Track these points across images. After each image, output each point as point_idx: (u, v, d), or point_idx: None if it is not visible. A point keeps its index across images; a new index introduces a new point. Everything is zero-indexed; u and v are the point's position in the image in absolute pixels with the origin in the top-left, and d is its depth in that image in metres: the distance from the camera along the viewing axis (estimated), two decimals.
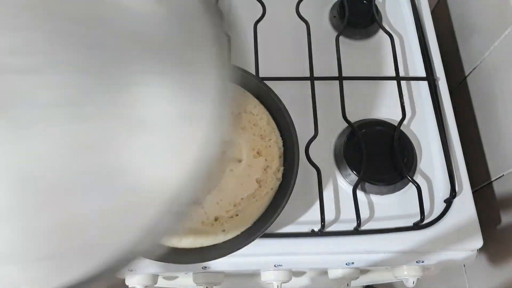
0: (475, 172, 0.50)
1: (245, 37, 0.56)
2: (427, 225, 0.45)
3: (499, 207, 0.51)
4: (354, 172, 0.46)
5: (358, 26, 0.56)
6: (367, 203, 0.46)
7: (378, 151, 0.48)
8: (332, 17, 0.57)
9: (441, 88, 0.53)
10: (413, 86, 0.53)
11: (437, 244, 0.45)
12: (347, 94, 0.50)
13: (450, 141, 0.49)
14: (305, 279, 0.57)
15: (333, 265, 0.46)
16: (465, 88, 0.59)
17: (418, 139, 0.50)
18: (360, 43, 0.56)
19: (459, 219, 0.45)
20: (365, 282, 0.56)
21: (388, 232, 0.44)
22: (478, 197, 0.48)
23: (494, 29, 0.51)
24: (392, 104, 0.51)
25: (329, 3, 0.58)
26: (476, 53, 0.56)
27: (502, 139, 0.51)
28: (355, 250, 0.45)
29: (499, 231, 0.51)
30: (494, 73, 0.52)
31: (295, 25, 0.55)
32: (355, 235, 0.44)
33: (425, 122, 0.51)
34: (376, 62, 0.55)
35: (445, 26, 0.63)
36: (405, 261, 0.46)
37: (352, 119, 0.49)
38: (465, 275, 0.58)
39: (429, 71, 0.54)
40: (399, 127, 0.48)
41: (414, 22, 0.57)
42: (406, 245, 0.44)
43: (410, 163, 0.47)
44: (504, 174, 0.50)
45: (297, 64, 0.53)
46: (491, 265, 0.52)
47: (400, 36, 0.57)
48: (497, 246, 0.51)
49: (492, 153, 0.53)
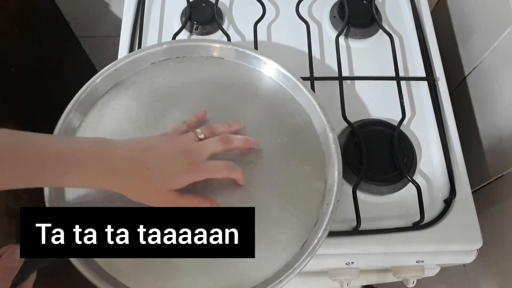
0: (475, 172, 0.50)
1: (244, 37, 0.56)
2: (427, 225, 0.45)
3: (499, 207, 0.51)
4: (354, 172, 0.46)
5: (358, 26, 0.56)
6: (367, 203, 0.46)
7: (378, 151, 0.48)
8: (332, 17, 0.57)
9: (441, 88, 0.53)
10: (413, 86, 0.53)
11: (437, 244, 0.45)
12: (347, 94, 0.50)
13: (450, 141, 0.49)
14: (305, 279, 0.57)
15: (333, 265, 0.47)
16: (465, 88, 0.59)
17: (418, 139, 0.50)
18: (360, 43, 0.56)
19: (459, 219, 0.45)
20: (365, 282, 0.56)
21: (388, 232, 0.44)
22: (478, 197, 0.48)
23: (494, 29, 0.51)
24: (392, 104, 0.51)
25: (329, 3, 0.58)
26: (476, 53, 0.56)
27: (502, 139, 0.51)
28: (355, 250, 0.45)
29: (499, 231, 0.51)
30: (494, 73, 0.52)
31: (295, 25, 0.55)
32: (355, 235, 0.44)
33: (425, 122, 0.51)
34: (376, 62, 0.55)
35: (445, 26, 0.63)
36: (405, 261, 0.46)
37: (352, 119, 0.49)
38: (465, 275, 0.58)
39: (429, 71, 0.54)
40: (399, 127, 0.48)
41: (414, 22, 0.57)
42: (406, 245, 0.44)
43: (409, 163, 0.47)
44: (504, 174, 0.50)
45: (297, 64, 0.53)
46: (491, 265, 0.52)
47: (400, 36, 0.57)
48: (497, 246, 0.51)
49: (492, 153, 0.53)
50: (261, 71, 0.47)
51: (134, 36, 0.55)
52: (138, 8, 0.58)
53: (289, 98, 0.46)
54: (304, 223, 0.39)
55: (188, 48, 0.48)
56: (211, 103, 0.45)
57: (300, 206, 0.40)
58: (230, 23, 0.57)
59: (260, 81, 0.47)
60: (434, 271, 0.50)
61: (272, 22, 0.57)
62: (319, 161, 0.42)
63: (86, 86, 0.44)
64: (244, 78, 0.47)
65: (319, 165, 0.42)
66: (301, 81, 0.45)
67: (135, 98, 0.45)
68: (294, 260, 0.37)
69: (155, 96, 0.46)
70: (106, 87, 0.45)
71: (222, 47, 0.48)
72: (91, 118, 0.44)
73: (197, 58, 0.48)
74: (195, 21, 0.56)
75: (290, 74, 0.45)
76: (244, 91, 0.46)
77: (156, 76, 0.47)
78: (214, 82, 0.47)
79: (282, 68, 0.46)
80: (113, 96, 0.45)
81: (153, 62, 0.47)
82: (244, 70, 0.47)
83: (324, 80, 0.51)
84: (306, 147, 0.43)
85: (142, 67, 0.47)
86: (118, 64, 0.46)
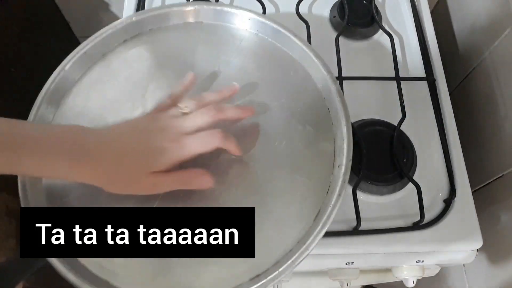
0: (475, 172, 0.50)
1: None
2: (427, 225, 0.45)
3: (499, 207, 0.51)
4: (354, 172, 0.46)
5: (358, 26, 0.56)
6: (367, 203, 0.46)
7: (378, 151, 0.48)
8: (332, 17, 0.57)
9: (440, 88, 0.53)
10: (412, 86, 0.53)
11: (437, 244, 0.45)
12: (347, 94, 0.50)
13: (449, 141, 0.49)
14: (305, 279, 0.57)
15: (333, 265, 0.47)
16: (465, 88, 0.59)
17: (418, 139, 0.50)
18: (360, 43, 0.56)
19: (459, 219, 0.45)
20: (365, 282, 0.56)
21: (388, 232, 0.44)
22: (478, 197, 0.48)
23: (494, 29, 0.51)
24: (392, 104, 0.51)
25: (329, 3, 0.58)
26: (476, 53, 0.56)
27: (501, 139, 0.51)
28: (355, 250, 0.45)
29: (499, 231, 0.51)
30: (493, 73, 0.52)
31: (295, 25, 0.55)
32: (355, 235, 0.44)
33: (425, 122, 0.51)
34: (376, 62, 0.55)
35: (445, 26, 0.63)
36: (405, 261, 0.46)
37: (352, 119, 0.48)
38: (465, 275, 0.58)
39: (429, 71, 0.54)
40: (399, 127, 0.48)
41: (414, 22, 0.57)
42: (406, 245, 0.44)
43: (409, 163, 0.47)
44: (504, 174, 0.50)
45: None
46: (491, 265, 0.52)
47: (400, 36, 0.57)
48: (497, 246, 0.51)
49: (492, 153, 0.53)
50: (246, 29, 0.42)
51: None
52: (138, 8, 0.58)
53: (281, 54, 0.41)
54: (315, 191, 0.35)
55: (160, 17, 0.43)
56: (196, 73, 0.39)
57: (308, 173, 0.36)
58: None
59: (247, 40, 0.42)
60: (434, 271, 0.50)
61: None
62: (323, 119, 0.37)
63: (54, 74, 0.40)
64: (228, 39, 0.42)
65: (324, 124, 0.37)
66: (293, 33, 0.41)
67: (110, 81, 0.41)
68: (307, 236, 0.33)
69: (132, 77, 0.41)
70: (78, 73, 0.41)
71: (197, 9, 0.43)
72: (64, 110, 0.40)
73: (172, 27, 0.43)
74: None
75: (279, 26, 0.41)
76: (230, 53, 0.41)
77: (131, 54, 0.42)
78: (195, 50, 0.42)
79: (269, 21, 0.41)
80: (86, 83, 0.41)
81: (125, 39, 0.43)
82: (227, 30, 0.43)
83: None
84: (307, 105, 0.38)
85: (113, 46, 0.43)
86: (86, 46, 0.41)
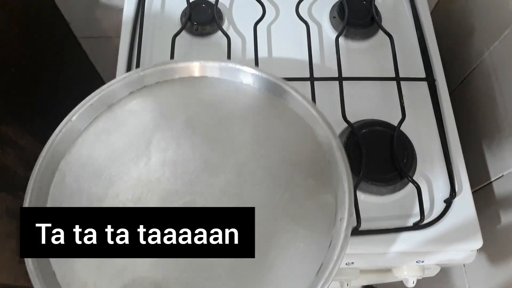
0: (475, 172, 0.50)
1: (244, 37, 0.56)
2: (427, 225, 0.45)
3: (499, 207, 0.51)
4: (354, 172, 0.46)
5: (358, 26, 0.56)
6: (367, 203, 0.46)
7: (378, 151, 0.48)
8: (332, 17, 0.57)
9: (440, 88, 0.53)
10: (412, 87, 0.53)
11: (437, 244, 0.45)
12: (347, 94, 0.50)
13: (449, 141, 0.49)
14: None
15: None
16: (465, 88, 0.59)
17: (418, 140, 0.50)
18: (360, 44, 0.56)
19: (459, 219, 0.45)
20: (365, 282, 0.56)
21: (388, 232, 0.44)
22: (478, 197, 0.48)
23: (494, 29, 0.51)
24: (391, 104, 0.51)
25: (329, 3, 0.58)
26: (476, 53, 0.56)
27: (502, 139, 0.51)
28: (355, 250, 0.45)
29: (499, 231, 0.51)
30: (493, 73, 0.52)
31: (295, 26, 0.55)
32: (355, 235, 0.44)
33: (425, 122, 0.51)
34: (376, 62, 0.55)
35: (445, 26, 0.63)
36: (405, 261, 0.46)
37: (352, 119, 0.49)
38: (465, 275, 0.58)
39: (429, 72, 0.54)
40: (399, 128, 0.48)
41: (414, 23, 0.57)
42: (406, 245, 0.44)
43: (409, 164, 0.47)
44: (504, 174, 0.50)
45: (297, 64, 0.53)
46: (491, 265, 0.52)
47: (399, 36, 0.57)
48: (497, 246, 0.51)
49: (491, 153, 0.53)
50: (250, 84, 0.44)
51: (134, 36, 0.55)
52: (138, 8, 0.58)
53: (283, 108, 0.42)
54: (317, 245, 0.35)
55: (166, 72, 0.45)
56: (198, 126, 0.41)
57: (310, 226, 0.36)
58: (230, 23, 0.57)
59: (249, 95, 0.43)
60: (434, 271, 0.50)
61: (272, 23, 0.57)
62: (325, 172, 0.38)
63: (61, 125, 0.41)
64: (231, 93, 0.43)
65: (325, 177, 0.38)
66: (295, 89, 0.42)
67: (115, 132, 0.42)
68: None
69: (137, 128, 0.42)
70: (84, 124, 0.42)
71: (203, 64, 0.44)
72: (70, 160, 0.40)
73: (177, 80, 0.45)
74: (195, 22, 0.56)
75: (282, 83, 0.42)
76: (232, 108, 0.43)
77: (136, 105, 0.44)
78: (199, 103, 0.44)
79: (271, 78, 0.42)
80: (91, 133, 0.42)
81: (131, 91, 0.44)
82: (231, 85, 0.44)
83: (324, 80, 0.51)
84: (308, 158, 0.39)
85: (119, 98, 0.44)
86: (92, 99, 0.42)
